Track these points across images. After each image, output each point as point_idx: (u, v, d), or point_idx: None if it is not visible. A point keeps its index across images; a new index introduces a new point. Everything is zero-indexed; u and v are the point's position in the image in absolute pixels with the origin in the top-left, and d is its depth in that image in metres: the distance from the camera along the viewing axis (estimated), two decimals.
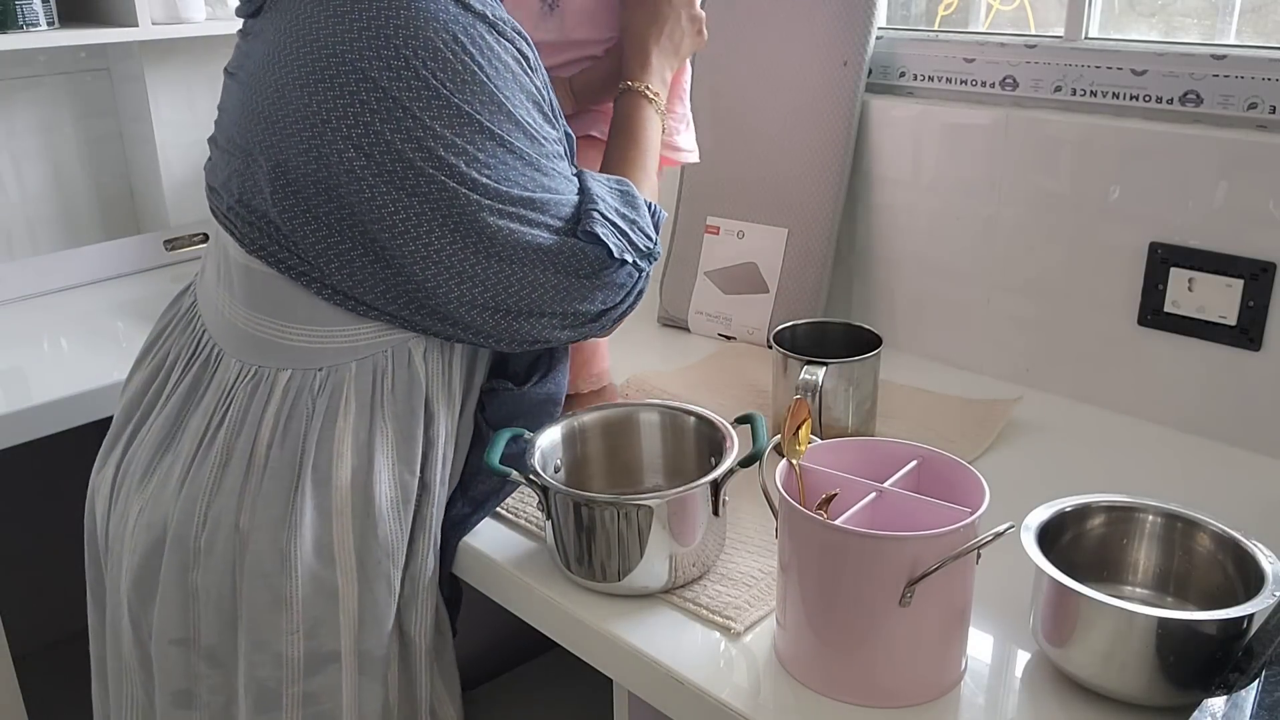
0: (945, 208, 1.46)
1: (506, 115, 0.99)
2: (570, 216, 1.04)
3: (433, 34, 0.94)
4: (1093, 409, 1.36)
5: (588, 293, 1.05)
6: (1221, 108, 1.25)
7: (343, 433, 1.01)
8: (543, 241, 1.01)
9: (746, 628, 0.94)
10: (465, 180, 0.97)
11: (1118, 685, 0.82)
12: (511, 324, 1.03)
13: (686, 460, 1.10)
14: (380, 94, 0.94)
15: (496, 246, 0.99)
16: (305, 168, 0.96)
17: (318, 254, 0.99)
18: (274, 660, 1.02)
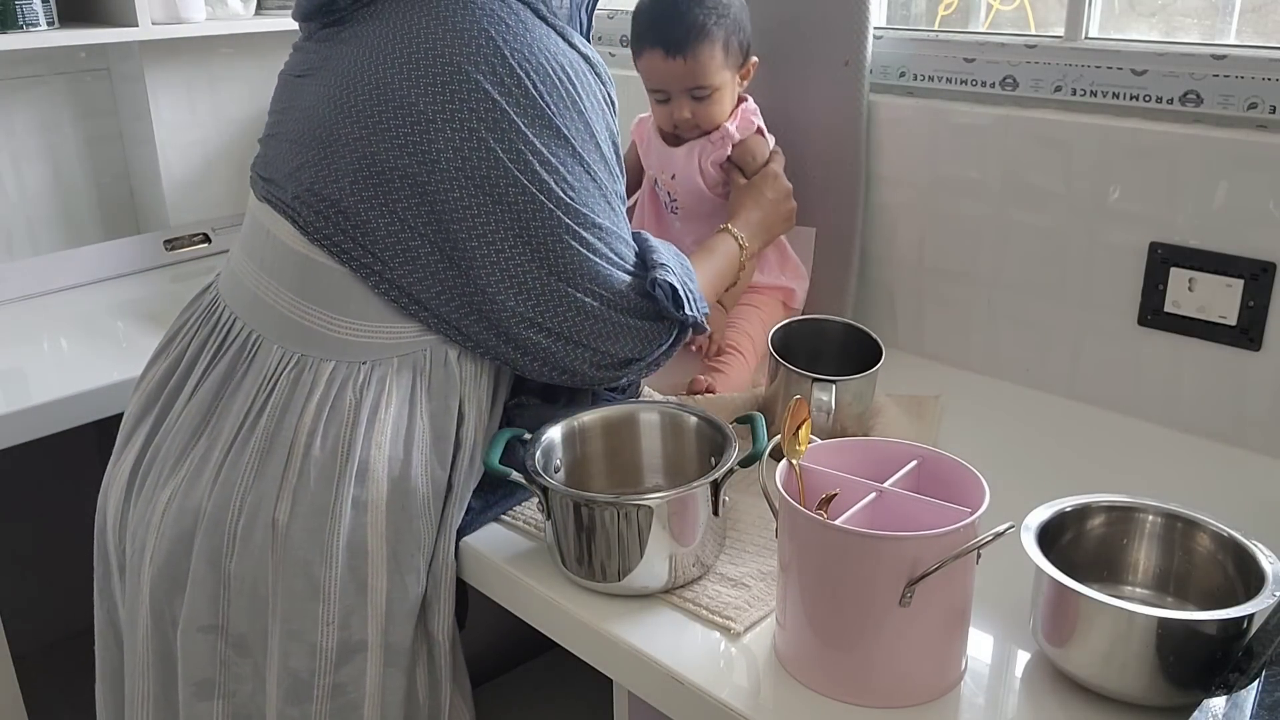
0: (945, 208, 1.46)
1: (595, 146, 1.06)
2: (627, 255, 1.10)
3: (544, 59, 1.03)
4: (1093, 409, 1.36)
5: (625, 335, 1.10)
6: (1221, 108, 1.25)
7: (384, 426, 1.03)
8: (603, 270, 1.07)
9: (746, 628, 0.94)
10: (551, 195, 1.03)
11: (1118, 685, 0.82)
12: (550, 346, 1.07)
13: (686, 460, 1.10)
14: (490, 102, 1.00)
15: (563, 264, 1.05)
16: (398, 161, 1.00)
17: (385, 246, 1.02)
18: (309, 651, 1.02)
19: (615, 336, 1.09)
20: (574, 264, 1.05)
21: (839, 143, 1.49)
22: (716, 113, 1.40)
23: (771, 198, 1.39)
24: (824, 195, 1.52)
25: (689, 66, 1.36)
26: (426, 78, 1.00)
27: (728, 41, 1.36)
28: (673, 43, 1.35)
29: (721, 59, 1.36)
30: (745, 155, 1.42)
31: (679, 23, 1.35)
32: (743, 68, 1.41)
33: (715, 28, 1.35)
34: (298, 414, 1.03)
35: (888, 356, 1.50)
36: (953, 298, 1.48)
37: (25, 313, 1.75)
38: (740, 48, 1.39)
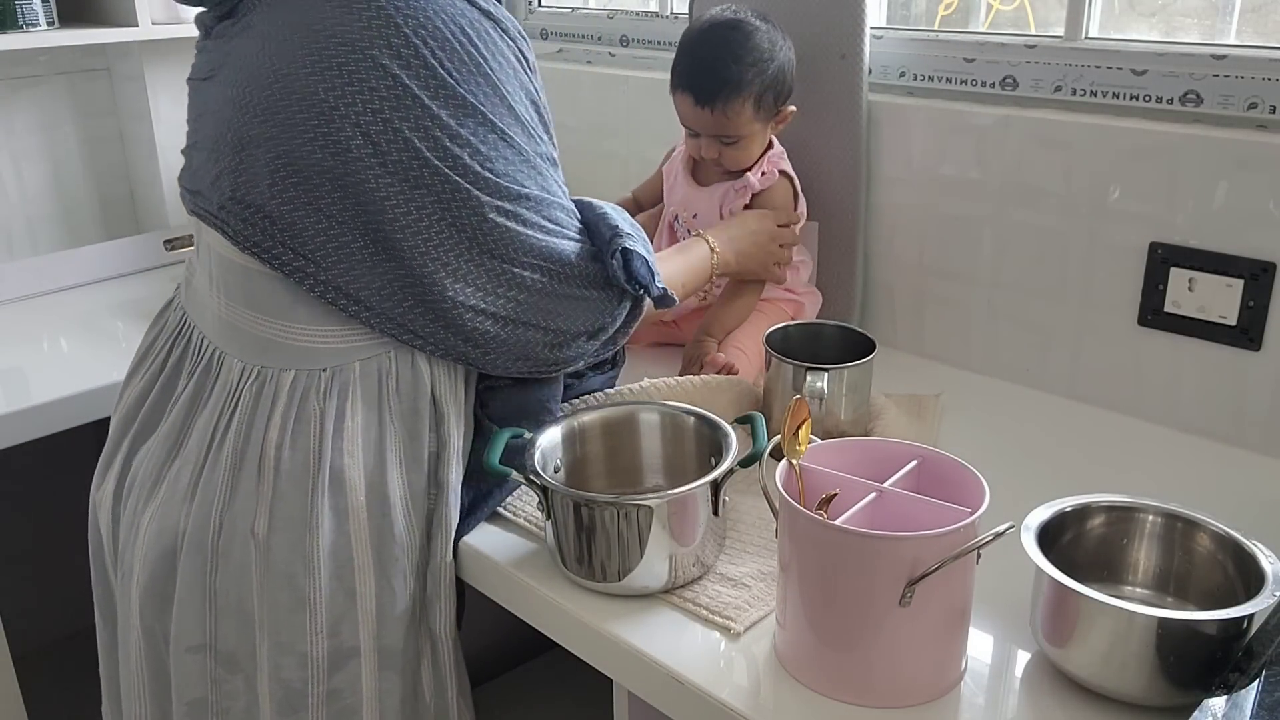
0: (945, 208, 1.46)
1: (508, 109, 1.00)
2: (564, 221, 1.06)
3: (441, 24, 0.96)
4: (1093, 409, 1.36)
5: (576, 308, 1.06)
6: (1221, 108, 1.25)
7: (353, 433, 1.02)
8: (539, 242, 1.03)
9: (746, 628, 0.94)
10: (468, 173, 0.98)
11: (1118, 685, 0.82)
12: (500, 333, 1.03)
13: (686, 460, 1.10)
14: (391, 79, 0.94)
15: (494, 242, 1.00)
16: (311, 156, 0.96)
17: (316, 246, 0.98)
18: (299, 661, 1.02)
19: (565, 311, 1.06)
20: (506, 240, 1.00)
21: (839, 142, 1.49)
22: (743, 157, 1.42)
23: (755, 228, 1.37)
24: (825, 195, 1.52)
25: (716, 118, 1.37)
26: (324, 63, 0.94)
27: (761, 96, 1.36)
28: (704, 93, 1.36)
29: (752, 113, 1.37)
30: (763, 207, 1.43)
31: (713, 75, 1.35)
32: (776, 117, 1.41)
33: (750, 84, 1.35)
34: (264, 427, 1.02)
35: (888, 356, 1.50)
36: (953, 298, 1.48)
37: (25, 313, 1.75)
38: (775, 100, 1.38)
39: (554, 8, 2.11)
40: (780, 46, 1.38)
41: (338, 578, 1.01)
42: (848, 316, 1.55)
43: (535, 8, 2.14)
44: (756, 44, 1.35)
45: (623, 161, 1.88)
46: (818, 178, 1.51)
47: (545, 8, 2.12)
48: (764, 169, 1.42)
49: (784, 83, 1.38)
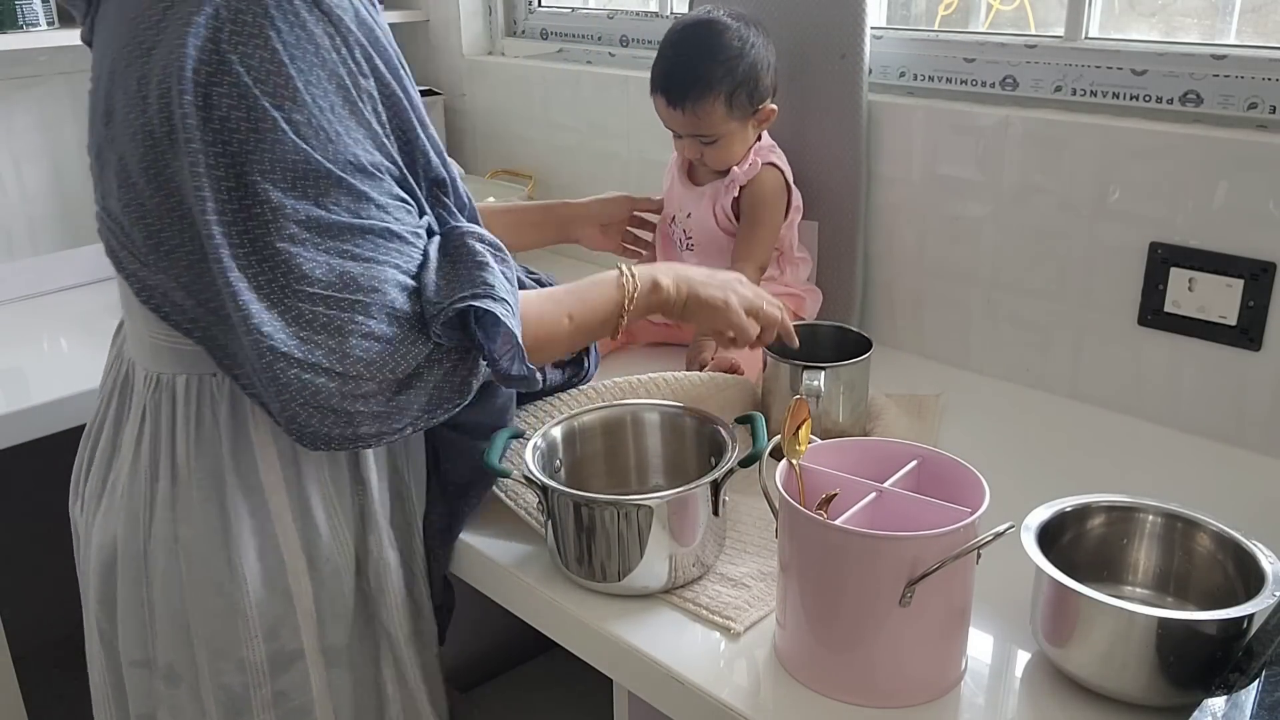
0: (945, 208, 1.46)
1: (295, 98, 0.88)
2: (373, 244, 0.92)
3: (250, 18, 0.87)
4: (1093, 409, 1.36)
5: (373, 348, 0.90)
6: (1221, 108, 1.25)
7: (259, 438, 1.00)
8: (323, 267, 0.89)
9: (747, 628, 0.94)
10: (252, 190, 0.87)
11: (1118, 685, 0.82)
12: (288, 373, 0.89)
13: (687, 460, 1.10)
14: (185, 71, 0.86)
15: (276, 267, 0.88)
16: (135, 159, 0.91)
17: (152, 248, 0.93)
18: (237, 666, 1.02)
19: (358, 354, 0.90)
20: (287, 264, 0.88)
21: (839, 142, 1.49)
22: (725, 156, 1.42)
23: (726, 277, 1.16)
24: (825, 195, 1.52)
25: (688, 118, 1.38)
26: (128, 61, 0.90)
27: (733, 94, 1.36)
28: (674, 93, 1.37)
29: (724, 112, 1.37)
30: (752, 199, 1.42)
31: (682, 75, 1.37)
32: (755, 115, 1.41)
33: (720, 82, 1.35)
34: (170, 435, 1.01)
35: (888, 356, 1.50)
36: (953, 298, 1.48)
37: (25, 313, 1.75)
38: (750, 99, 1.38)
39: (554, 8, 2.11)
40: (752, 44, 1.37)
41: (269, 582, 1.01)
42: (848, 316, 1.55)
43: (535, 8, 2.14)
44: (725, 43, 1.35)
45: (623, 162, 1.88)
46: (818, 178, 1.51)
47: (545, 8, 2.12)
48: (749, 160, 1.42)
49: (757, 80, 1.38)
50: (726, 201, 1.44)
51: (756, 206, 1.43)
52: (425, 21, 2.22)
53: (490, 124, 2.15)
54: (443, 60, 2.22)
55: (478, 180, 2.08)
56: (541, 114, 2.02)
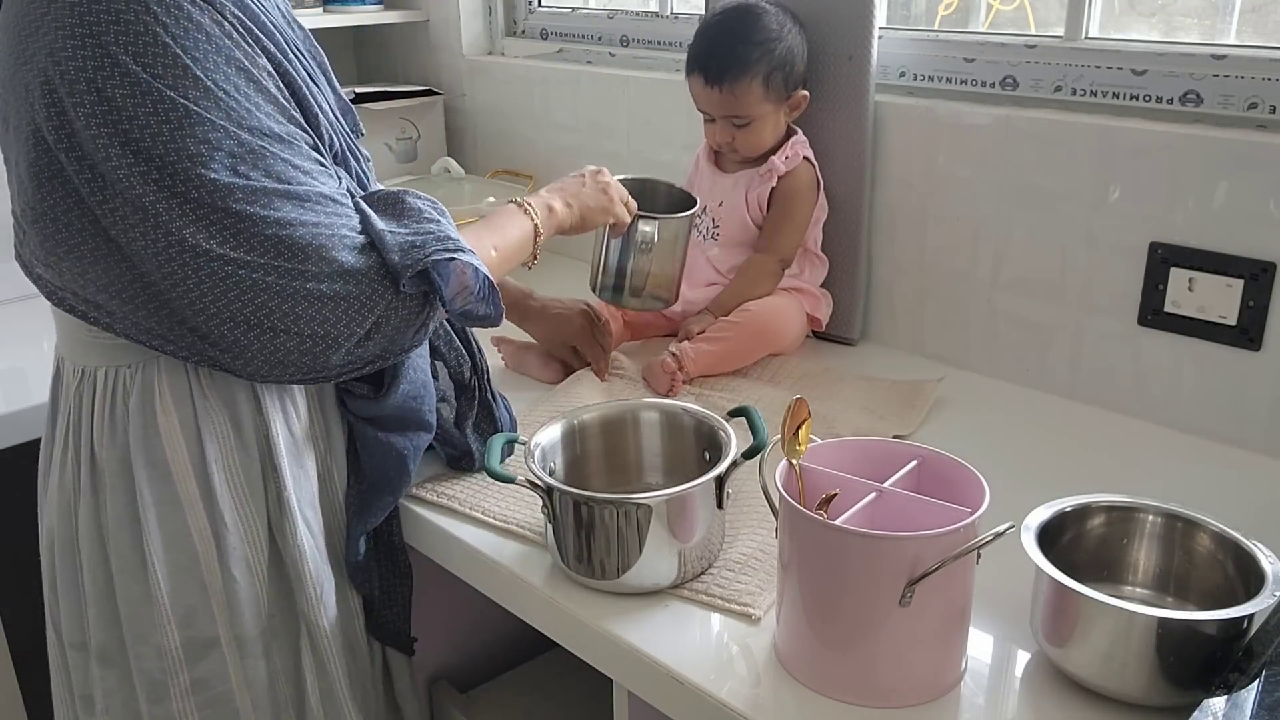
0: (945, 208, 1.46)
1: (196, 84, 0.89)
2: (300, 211, 0.93)
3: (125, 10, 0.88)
4: (1092, 409, 1.36)
5: (328, 309, 0.94)
6: (1221, 108, 1.25)
7: (166, 426, 1.01)
8: (265, 234, 0.91)
9: (766, 610, 0.95)
10: (161, 169, 0.88)
11: (1118, 685, 0.82)
12: (244, 338, 0.94)
13: (685, 458, 1.10)
14: (71, 73, 0.87)
15: (211, 237, 0.90)
16: (25, 164, 0.92)
17: (50, 250, 0.94)
18: (156, 652, 1.04)
19: (314, 314, 0.94)
20: (225, 234, 0.90)
21: (845, 142, 1.49)
22: (756, 142, 1.44)
23: (570, 177, 1.26)
24: (830, 194, 1.51)
25: (725, 97, 1.40)
26: (20, 58, 0.90)
27: (770, 76, 1.39)
28: (712, 72, 1.40)
29: (761, 93, 1.39)
30: (788, 191, 1.45)
31: (721, 54, 1.39)
32: (789, 101, 1.42)
33: (758, 63, 1.38)
34: (90, 425, 1.03)
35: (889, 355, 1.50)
36: (953, 297, 1.48)
37: (25, 313, 1.75)
38: (785, 83, 1.41)
39: (554, 8, 2.11)
40: (789, 29, 1.40)
41: (184, 569, 1.02)
42: (851, 315, 1.55)
43: (535, 8, 2.14)
44: (765, 25, 1.39)
45: (623, 162, 1.88)
46: (824, 178, 1.51)
47: (545, 8, 2.12)
48: (788, 153, 1.44)
49: (793, 65, 1.40)
50: (764, 191, 1.45)
51: (791, 198, 1.45)
52: (425, 21, 2.22)
53: (490, 124, 2.15)
54: (443, 60, 2.22)
55: (478, 180, 2.09)
56: (541, 114, 2.02)
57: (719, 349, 1.38)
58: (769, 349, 1.43)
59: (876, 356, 1.53)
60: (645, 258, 1.33)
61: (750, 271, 1.46)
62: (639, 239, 1.32)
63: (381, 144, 2.11)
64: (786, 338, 1.45)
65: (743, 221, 1.47)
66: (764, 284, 1.45)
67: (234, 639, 1.05)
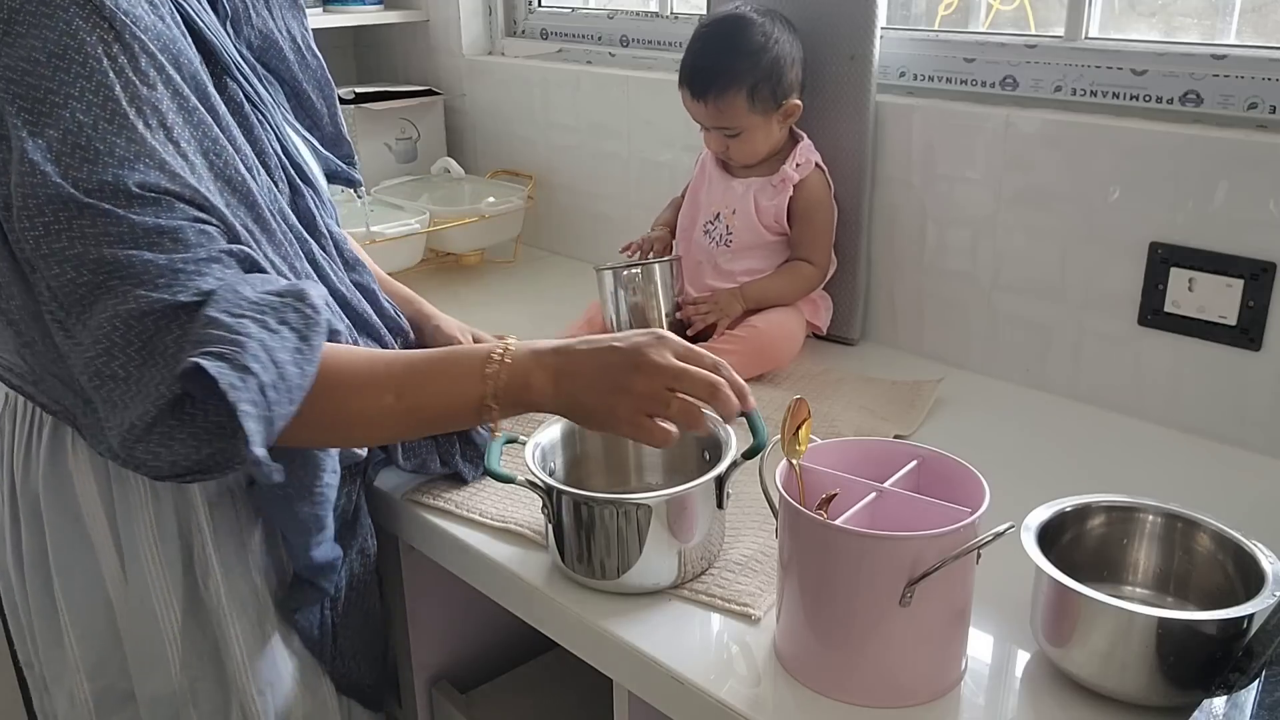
0: (945, 208, 1.46)
1: (50, 114, 0.79)
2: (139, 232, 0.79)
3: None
4: (1093, 409, 1.36)
5: (113, 389, 0.79)
6: (1221, 108, 1.25)
7: (76, 465, 0.95)
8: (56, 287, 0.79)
9: (766, 611, 0.95)
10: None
11: (1118, 685, 0.82)
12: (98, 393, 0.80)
13: (684, 457, 1.10)
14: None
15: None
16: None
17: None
18: (69, 699, 0.99)
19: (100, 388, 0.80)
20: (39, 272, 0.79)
21: (847, 142, 1.49)
22: (749, 151, 1.44)
23: (620, 361, 0.87)
24: None
25: (711, 110, 1.40)
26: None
27: (755, 89, 1.38)
28: (697, 86, 1.39)
29: (746, 105, 1.38)
30: (809, 200, 1.44)
31: (706, 67, 1.39)
32: (779, 110, 1.41)
33: (743, 75, 1.37)
34: (9, 463, 0.98)
35: (889, 356, 1.50)
36: (953, 298, 1.48)
37: None
38: (773, 93, 1.39)
39: (554, 8, 2.11)
40: (777, 39, 1.39)
41: (93, 616, 0.97)
42: (851, 316, 1.55)
43: (535, 8, 2.14)
44: (750, 36, 1.37)
45: (623, 162, 1.88)
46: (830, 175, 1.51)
47: (545, 8, 2.12)
48: (798, 160, 1.44)
49: (780, 75, 1.39)
50: (781, 202, 1.44)
51: (814, 207, 1.45)
52: (425, 21, 2.22)
53: (490, 124, 2.15)
54: (443, 60, 2.22)
55: (478, 180, 2.09)
56: (541, 114, 2.02)
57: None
58: (766, 368, 1.43)
59: (876, 357, 1.53)
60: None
61: (793, 274, 1.45)
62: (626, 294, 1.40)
63: (381, 144, 2.11)
64: (785, 355, 1.45)
65: (755, 229, 1.46)
66: (798, 287, 1.45)
67: (150, 698, 0.98)
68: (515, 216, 1.93)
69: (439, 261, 1.97)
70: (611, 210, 1.91)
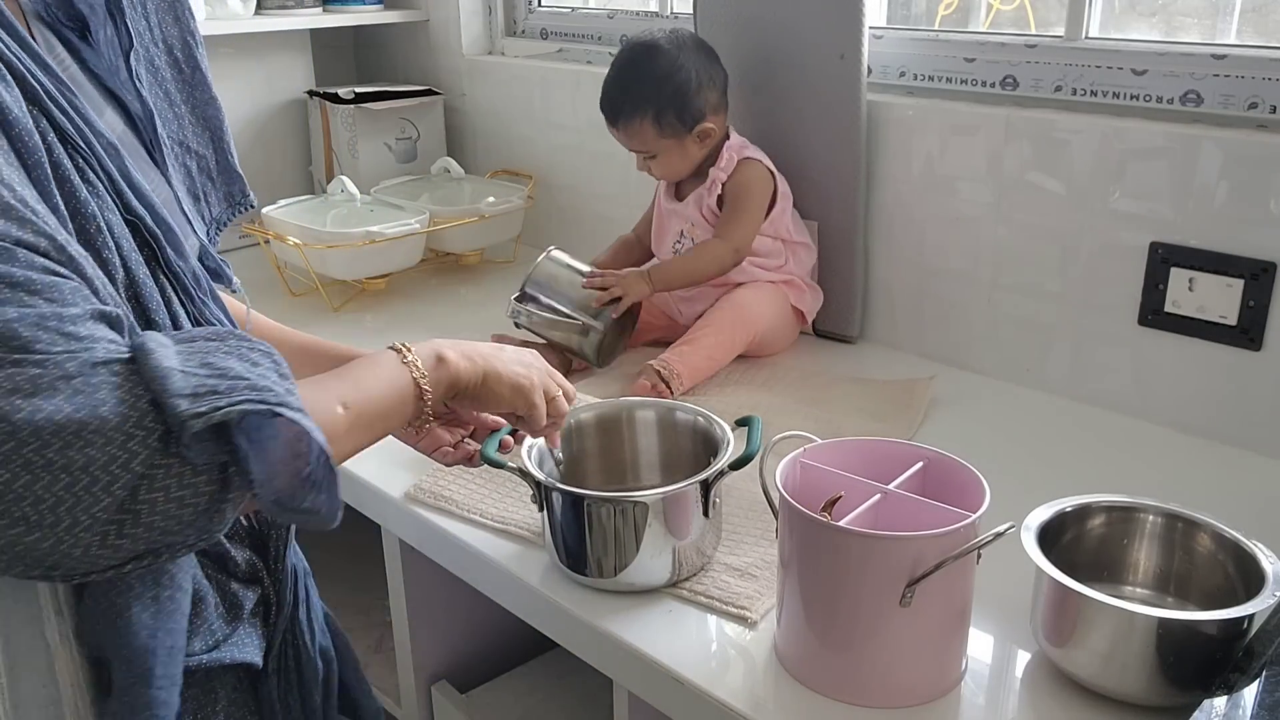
0: (945, 208, 1.46)
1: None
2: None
3: None
4: (1093, 409, 1.36)
5: (52, 482, 0.59)
6: (1222, 108, 1.25)
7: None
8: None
9: (762, 616, 0.95)
10: None
11: (1118, 685, 0.82)
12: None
13: (682, 457, 1.10)
14: None
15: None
16: None
17: None
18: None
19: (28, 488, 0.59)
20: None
21: (839, 142, 1.49)
22: (669, 171, 1.48)
23: (512, 354, 0.92)
24: (825, 194, 1.52)
25: (622, 135, 1.46)
26: None
27: (661, 114, 1.41)
28: (607, 112, 1.45)
29: (654, 131, 1.42)
30: (734, 189, 1.45)
31: (613, 95, 1.44)
32: (692, 133, 1.43)
33: (647, 103, 1.41)
34: None
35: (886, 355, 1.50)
36: (953, 298, 1.48)
37: None
38: (680, 118, 1.41)
39: (554, 8, 2.11)
40: (681, 66, 1.41)
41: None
42: (849, 316, 1.55)
43: (535, 8, 2.14)
44: (654, 66, 1.41)
45: (622, 162, 1.88)
46: (818, 178, 1.51)
47: (545, 8, 2.12)
48: (723, 162, 1.46)
49: (685, 100, 1.41)
50: (712, 201, 1.47)
51: (738, 195, 1.46)
52: (425, 21, 2.22)
53: (490, 124, 2.15)
54: (443, 60, 2.22)
55: (478, 180, 2.09)
56: (541, 114, 2.02)
57: (700, 354, 1.39)
58: (752, 334, 1.44)
59: (875, 355, 1.53)
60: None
61: (700, 251, 1.46)
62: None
63: (381, 144, 2.11)
64: (766, 322, 1.46)
65: (704, 237, 1.48)
66: (708, 261, 1.45)
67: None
68: (515, 216, 1.93)
69: (439, 261, 1.97)
70: (611, 210, 1.91)
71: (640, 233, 1.61)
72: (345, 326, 1.68)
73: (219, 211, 0.92)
